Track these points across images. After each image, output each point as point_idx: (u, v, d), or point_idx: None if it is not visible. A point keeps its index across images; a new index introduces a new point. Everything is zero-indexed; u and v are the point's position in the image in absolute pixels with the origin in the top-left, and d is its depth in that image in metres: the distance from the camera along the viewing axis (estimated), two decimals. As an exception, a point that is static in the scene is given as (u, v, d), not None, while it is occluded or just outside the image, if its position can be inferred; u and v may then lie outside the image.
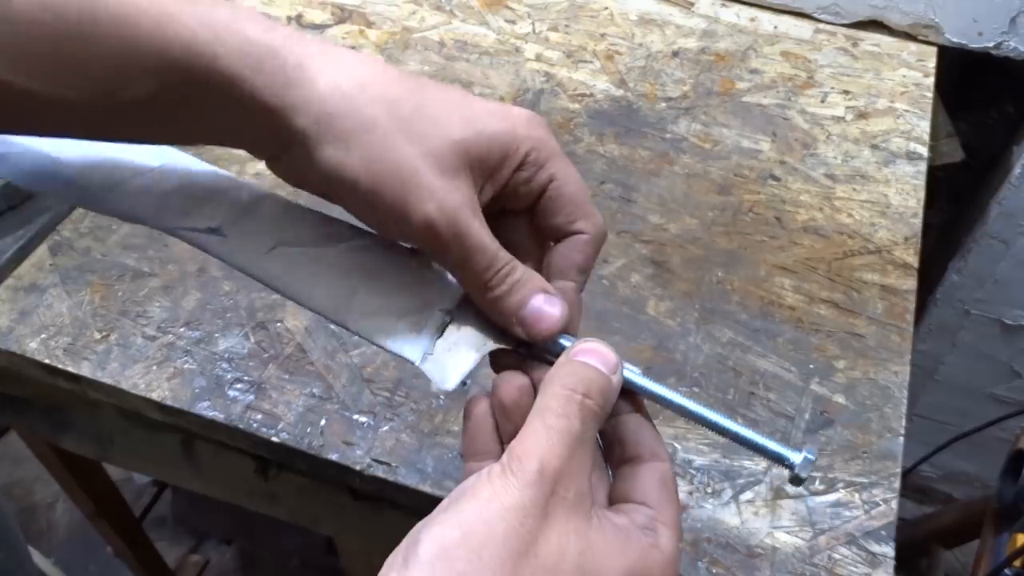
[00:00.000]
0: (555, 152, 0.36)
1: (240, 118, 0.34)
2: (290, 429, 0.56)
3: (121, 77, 0.33)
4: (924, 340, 1.16)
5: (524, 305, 0.35)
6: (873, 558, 0.52)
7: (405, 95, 0.34)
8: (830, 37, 0.90)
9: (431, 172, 0.33)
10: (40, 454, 0.97)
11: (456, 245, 0.34)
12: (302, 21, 0.88)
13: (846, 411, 0.59)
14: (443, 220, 0.33)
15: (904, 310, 0.65)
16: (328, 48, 0.34)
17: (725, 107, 0.81)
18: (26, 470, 1.58)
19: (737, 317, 0.64)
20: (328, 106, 0.33)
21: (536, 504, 0.28)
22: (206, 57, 0.32)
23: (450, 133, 0.34)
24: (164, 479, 1.16)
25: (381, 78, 0.34)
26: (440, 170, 0.33)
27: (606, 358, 0.34)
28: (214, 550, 1.50)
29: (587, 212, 0.37)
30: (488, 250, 0.34)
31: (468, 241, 0.34)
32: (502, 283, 0.35)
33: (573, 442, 0.30)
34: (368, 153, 0.33)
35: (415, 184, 0.33)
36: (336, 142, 0.33)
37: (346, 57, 0.34)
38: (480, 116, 0.34)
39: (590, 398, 0.32)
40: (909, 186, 0.75)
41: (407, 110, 0.33)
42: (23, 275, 0.64)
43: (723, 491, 0.54)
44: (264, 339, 0.61)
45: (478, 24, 0.89)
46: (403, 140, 0.33)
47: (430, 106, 0.34)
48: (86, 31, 0.32)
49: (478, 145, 0.34)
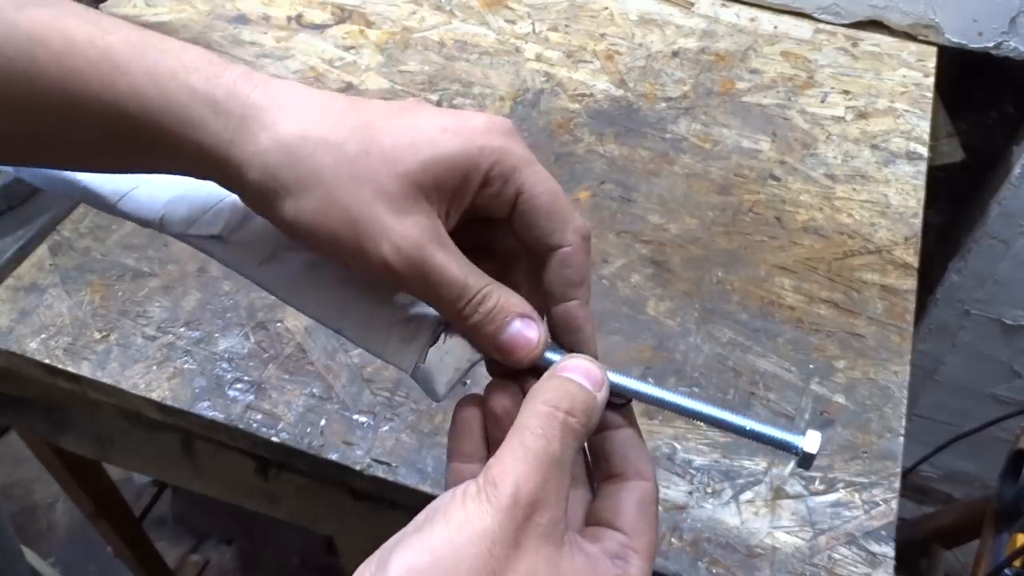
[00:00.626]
0: (521, 161, 0.34)
1: (195, 165, 0.34)
2: (290, 429, 0.56)
3: (68, 122, 0.33)
4: (924, 340, 1.16)
5: (500, 333, 0.34)
6: (873, 558, 0.52)
7: (349, 135, 0.33)
8: (830, 37, 0.90)
9: (384, 211, 0.32)
10: (40, 454, 0.97)
11: (419, 281, 0.33)
12: (302, 21, 0.88)
13: (846, 411, 0.59)
14: (399, 259, 0.32)
15: (904, 310, 0.65)
16: (274, 91, 0.34)
17: (725, 107, 0.81)
18: (26, 470, 1.58)
19: (737, 317, 0.64)
20: (272, 160, 0.33)
21: (507, 531, 0.28)
22: (153, 111, 0.32)
23: (399, 168, 0.33)
24: (164, 479, 1.16)
25: (325, 121, 0.33)
26: (393, 208, 0.32)
27: (591, 374, 0.33)
28: (214, 550, 1.50)
29: (563, 220, 0.35)
30: (455, 283, 0.33)
31: (432, 276, 0.33)
32: (475, 313, 0.34)
33: (550, 465, 0.30)
34: (319, 203, 0.32)
35: (367, 226, 0.32)
36: (287, 195, 0.33)
37: (291, 101, 0.34)
38: (432, 139, 0.33)
39: (572, 416, 0.31)
40: (909, 186, 0.75)
41: (353, 152, 0.33)
42: (23, 275, 0.64)
43: (723, 491, 0.54)
44: (264, 339, 0.61)
45: (478, 24, 0.89)
46: (351, 184, 0.32)
47: (377, 141, 0.33)
48: (32, 74, 0.32)
49: (431, 173, 0.33)
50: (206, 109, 0.33)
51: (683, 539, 0.52)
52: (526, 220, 0.35)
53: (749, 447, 0.57)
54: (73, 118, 0.33)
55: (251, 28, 0.86)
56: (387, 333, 0.38)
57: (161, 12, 0.87)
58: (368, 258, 0.33)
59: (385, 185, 0.32)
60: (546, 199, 0.34)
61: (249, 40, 0.85)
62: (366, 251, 0.33)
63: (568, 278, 0.36)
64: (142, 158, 0.35)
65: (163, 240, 0.66)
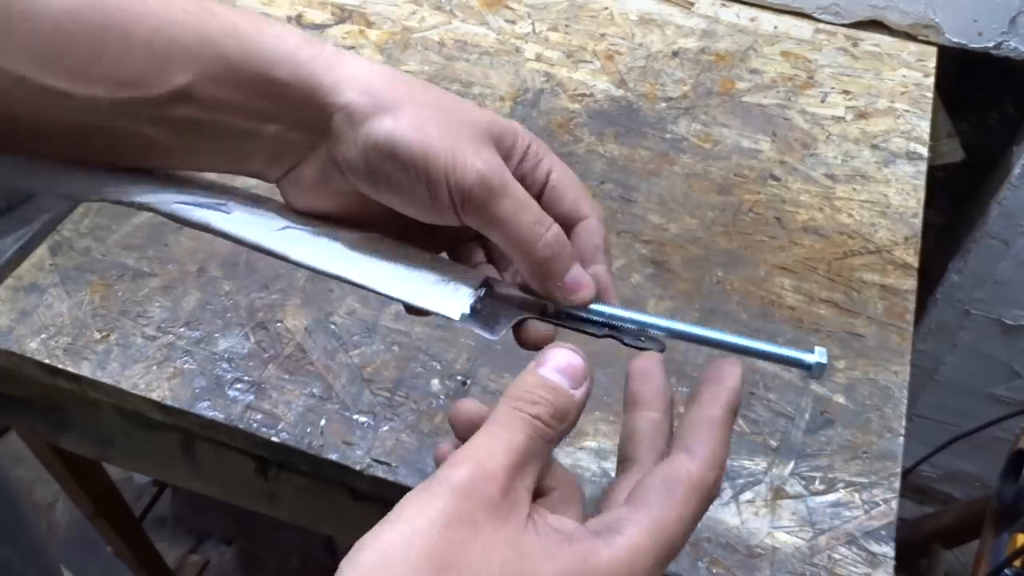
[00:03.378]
0: (548, 150, 0.39)
1: (278, 104, 0.36)
2: (290, 429, 0.56)
3: (160, 67, 0.34)
4: (924, 340, 1.16)
5: (568, 269, 0.37)
6: (873, 558, 0.52)
7: (430, 89, 0.37)
8: (830, 37, 0.90)
9: (474, 138, 0.35)
10: (40, 454, 0.97)
11: (508, 196, 0.35)
12: (302, 21, 0.88)
13: (846, 411, 0.59)
14: (493, 173, 0.35)
15: (904, 310, 0.65)
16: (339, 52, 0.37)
17: (725, 107, 0.81)
18: (26, 470, 1.57)
19: (737, 317, 0.64)
20: (373, 82, 0.35)
21: (462, 511, 0.27)
22: (247, 43, 0.35)
23: (473, 118, 0.36)
24: (164, 479, 1.16)
25: (405, 77, 0.37)
26: (479, 139, 0.36)
27: (573, 370, 0.32)
28: (214, 550, 1.50)
29: (585, 196, 0.39)
30: (534, 205, 0.36)
31: (518, 194, 0.35)
32: (548, 242, 0.36)
33: (513, 452, 0.29)
34: (416, 121, 0.35)
35: (463, 146, 0.35)
36: (384, 112, 0.35)
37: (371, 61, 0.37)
38: (486, 115, 0.37)
39: (539, 417, 0.30)
40: (909, 186, 0.75)
41: (436, 94, 0.37)
42: (23, 275, 0.64)
43: (723, 491, 0.54)
44: (264, 339, 0.61)
45: (478, 24, 0.89)
46: (441, 115, 0.35)
47: (450, 102, 0.37)
48: (128, 22, 0.34)
49: (496, 128, 0.37)
50: (304, 41, 0.36)
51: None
52: (556, 194, 0.38)
53: (749, 447, 0.57)
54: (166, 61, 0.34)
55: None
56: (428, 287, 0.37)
57: (161, 12, 0.87)
58: (463, 172, 0.34)
59: (469, 124, 0.36)
60: (573, 179, 0.39)
61: (249, 40, 0.85)
62: (460, 166, 0.34)
63: (596, 243, 0.39)
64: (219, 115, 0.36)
65: (163, 240, 0.66)
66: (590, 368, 0.33)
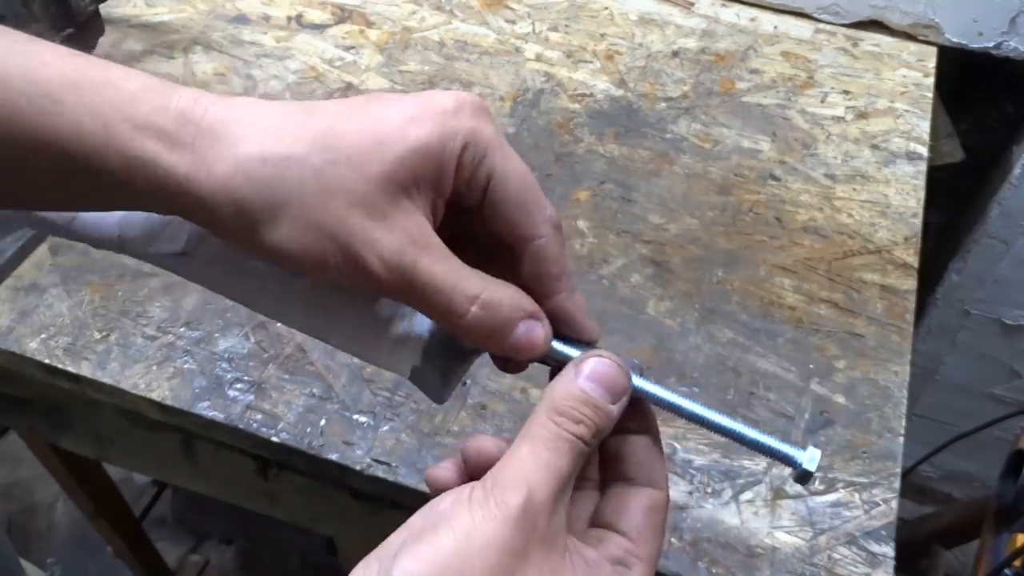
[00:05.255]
0: (491, 143, 0.32)
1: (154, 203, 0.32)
2: (290, 429, 0.56)
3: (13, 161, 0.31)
4: (924, 340, 1.16)
5: (504, 337, 0.32)
6: (873, 558, 0.52)
7: (311, 146, 0.30)
8: (830, 37, 0.90)
9: (363, 221, 0.30)
10: (40, 454, 0.97)
11: (408, 292, 0.31)
12: (302, 21, 0.88)
13: (846, 411, 0.59)
14: (385, 271, 0.30)
15: (904, 310, 0.65)
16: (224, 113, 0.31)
17: (725, 107, 0.81)
18: (26, 470, 1.58)
19: (737, 317, 0.64)
20: (236, 190, 0.30)
21: (517, 541, 0.27)
22: (97, 150, 0.30)
23: (370, 170, 0.30)
24: (164, 479, 1.16)
25: (283, 137, 0.31)
26: (372, 214, 0.30)
27: (613, 384, 0.32)
28: (214, 550, 1.50)
29: (534, 209, 0.33)
30: (443, 290, 0.31)
31: (418, 287, 0.31)
32: (473, 320, 0.32)
33: (560, 479, 0.29)
34: (294, 228, 0.30)
35: (348, 242, 0.30)
36: (259, 225, 0.30)
37: (245, 120, 0.31)
38: (400, 131, 0.31)
39: (583, 438, 0.30)
40: (909, 186, 0.75)
41: (318, 163, 0.30)
42: (23, 275, 0.64)
43: (723, 491, 0.54)
44: (264, 339, 0.61)
45: (478, 24, 0.89)
46: (322, 200, 0.30)
47: (342, 147, 0.30)
48: None
49: (407, 167, 0.30)
50: (157, 144, 0.30)
51: (683, 539, 0.52)
52: (496, 210, 0.32)
53: (749, 447, 0.57)
54: (17, 157, 0.30)
55: (251, 28, 0.86)
56: (377, 339, 0.35)
57: (161, 12, 0.87)
58: (355, 275, 0.31)
59: (359, 192, 0.30)
60: (516, 186, 0.32)
61: (249, 40, 0.85)
62: (353, 268, 0.31)
63: (547, 272, 0.33)
64: (97, 198, 0.32)
65: (163, 240, 0.66)
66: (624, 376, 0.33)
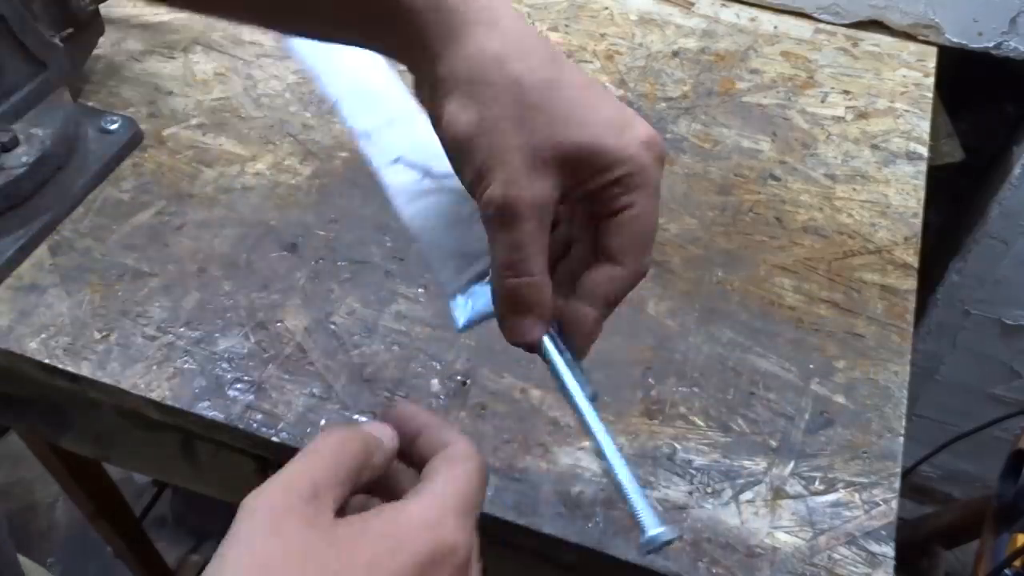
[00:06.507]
0: (647, 183, 0.36)
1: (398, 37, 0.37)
2: (290, 429, 0.56)
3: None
4: (924, 340, 1.16)
5: (511, 315, 0.38)
6: (873, 558, 0.52)
7: (537, 84, 0.35)
8: (830, 37, 0.90)
9: (520, 162, 0.35)
10: (40, 454, 0.97)
11: (498, 232, 0.36)
12: (302, 21, 0.88)
13: (846, 411, 0.59)
14: (496, 207, 0.35)
15: (904, 310, 0.65)
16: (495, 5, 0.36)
17: (725, 107, 0.81)
18: (26, 470, 1.58)
19: (737, 317, 0.64)
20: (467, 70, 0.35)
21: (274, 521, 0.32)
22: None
23: (556, 135, 0.35)
24: (164, 479, 1.16)
25: (523, 57, 0.35)
26: (529, 164, 0.35)
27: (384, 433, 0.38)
28: (214, 550, 1.50)
29: (640, 250, 0.37)
30: (518, 252, 0.36)
31: (509, 235, 0.36)
32: (509, 288, 0.37)
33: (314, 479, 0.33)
34: (477, 124, 0.35)
35: (499, 165, 0.35)
36: (459, 100, 0.35)
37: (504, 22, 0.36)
38: (597, 126, 0.35)
39: None
40: (909, 186, 0.75)
41: (530, 100, 0.35)
42: (23, 275, 0.64)
43: (723, 491, 0.54)
44: (264, 339, 0.61)
45: (478, 24, 0.89)
46: (511, 125, 0.35)
47: (554, 102, 0.35)
48: None
49: (578, 157, 0.35)
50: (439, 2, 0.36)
51: (683, 539, 0.52)
52: (614, 228, 0.37)
53: (749, 447, 0.57)
54: None
55: (251, 28, 0.86)
56: (448, 257, 0.43)
57: (161, 12, 0.87)
58: (479, 188, 0.36)
59: (536, 143, 0.35)
60: (644, 225, 0.37)
61: (249, 40, 0.85)
62: (482, 182, 0.35)
63: (605, 291, 0.38)
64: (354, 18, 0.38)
65: (163, 240, 0.66)
66: None
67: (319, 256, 0.66)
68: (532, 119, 0.35)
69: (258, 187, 0.71)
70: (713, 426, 0.58)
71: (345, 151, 0.74)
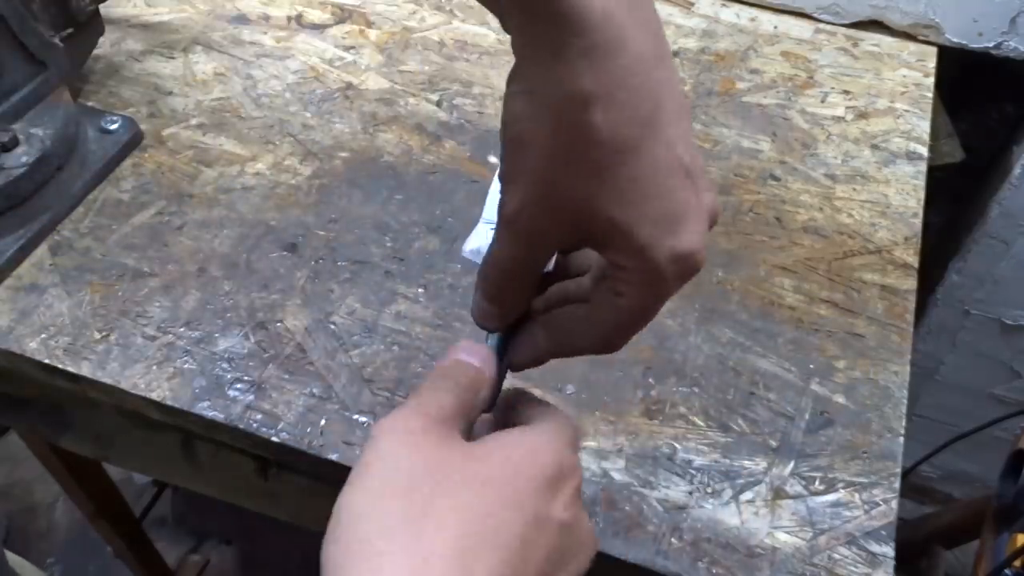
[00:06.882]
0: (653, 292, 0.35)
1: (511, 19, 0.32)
2: (290, 429, 0.56)
3: None
4: (924, 340, 1.16)
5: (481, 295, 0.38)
6: (873, 558, 0.52)
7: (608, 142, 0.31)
8: (830, 37, 0.90)
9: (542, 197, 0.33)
10: (40, 454, 0.97)
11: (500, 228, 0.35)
12: (302, 21, 0.88)
13: (846, 411, 0.59)
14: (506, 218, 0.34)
15: (904, 310, 0.65)
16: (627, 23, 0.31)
17: (725, 107, 0.81)
18: (26, 470, 1.58)
19: (737, 317, 0.64)
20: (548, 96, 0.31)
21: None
22: None
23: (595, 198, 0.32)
24: (164, 479, 1.16)
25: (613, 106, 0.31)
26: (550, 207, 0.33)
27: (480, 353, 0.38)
28: (214, 550, 1.51)
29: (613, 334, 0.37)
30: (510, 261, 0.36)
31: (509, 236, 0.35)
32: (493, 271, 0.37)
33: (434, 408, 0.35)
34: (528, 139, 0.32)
35: (524, 187, 0.33)
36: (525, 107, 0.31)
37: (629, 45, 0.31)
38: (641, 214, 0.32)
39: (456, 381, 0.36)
40: (909, 186, 0.75)
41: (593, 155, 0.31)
42: (23, 275, 0.64)
43: (723, 491, 0.54)
44: (264, 339, 0.61)
45: (478, 24, 0.89)
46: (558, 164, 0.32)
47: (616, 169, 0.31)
48: None
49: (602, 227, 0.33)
50: None
51: (683, 539, 0.52)
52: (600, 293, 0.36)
53: (749, 447, 0.57)
54: None
55: (251, 28, 0.86)
56: None
57: (161, 12, 0.87)
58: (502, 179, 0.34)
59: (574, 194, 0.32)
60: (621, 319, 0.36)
61: (249, 40, 0.85)
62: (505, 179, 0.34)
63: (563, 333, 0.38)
64: None
65: (163, 240, 0.66)
66: None
67: (319, 256, 0.66)
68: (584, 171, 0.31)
69: (258, 187, 0.71)
70: (713, 426, 0.58)
71: (345, 151, 0.74)
